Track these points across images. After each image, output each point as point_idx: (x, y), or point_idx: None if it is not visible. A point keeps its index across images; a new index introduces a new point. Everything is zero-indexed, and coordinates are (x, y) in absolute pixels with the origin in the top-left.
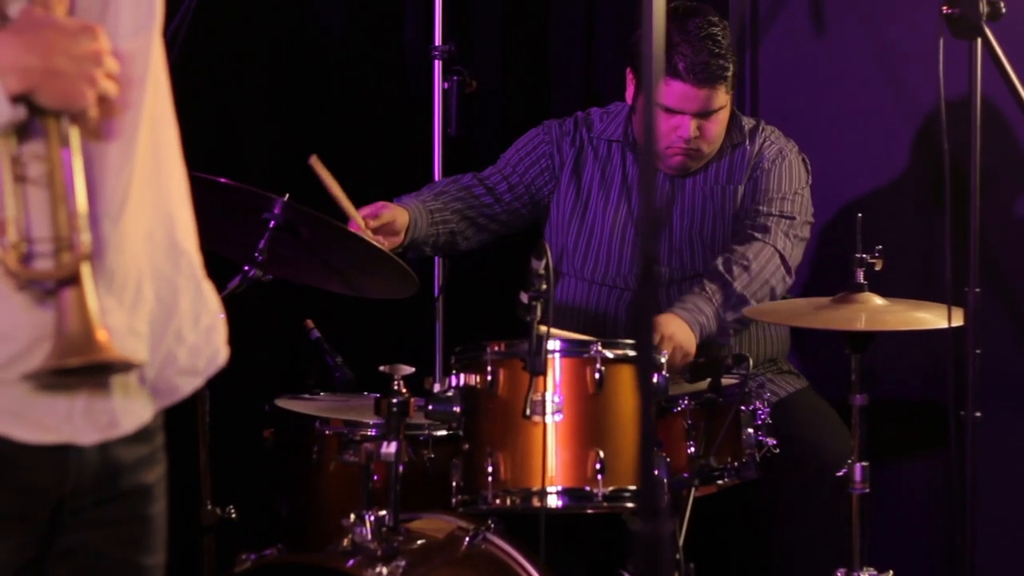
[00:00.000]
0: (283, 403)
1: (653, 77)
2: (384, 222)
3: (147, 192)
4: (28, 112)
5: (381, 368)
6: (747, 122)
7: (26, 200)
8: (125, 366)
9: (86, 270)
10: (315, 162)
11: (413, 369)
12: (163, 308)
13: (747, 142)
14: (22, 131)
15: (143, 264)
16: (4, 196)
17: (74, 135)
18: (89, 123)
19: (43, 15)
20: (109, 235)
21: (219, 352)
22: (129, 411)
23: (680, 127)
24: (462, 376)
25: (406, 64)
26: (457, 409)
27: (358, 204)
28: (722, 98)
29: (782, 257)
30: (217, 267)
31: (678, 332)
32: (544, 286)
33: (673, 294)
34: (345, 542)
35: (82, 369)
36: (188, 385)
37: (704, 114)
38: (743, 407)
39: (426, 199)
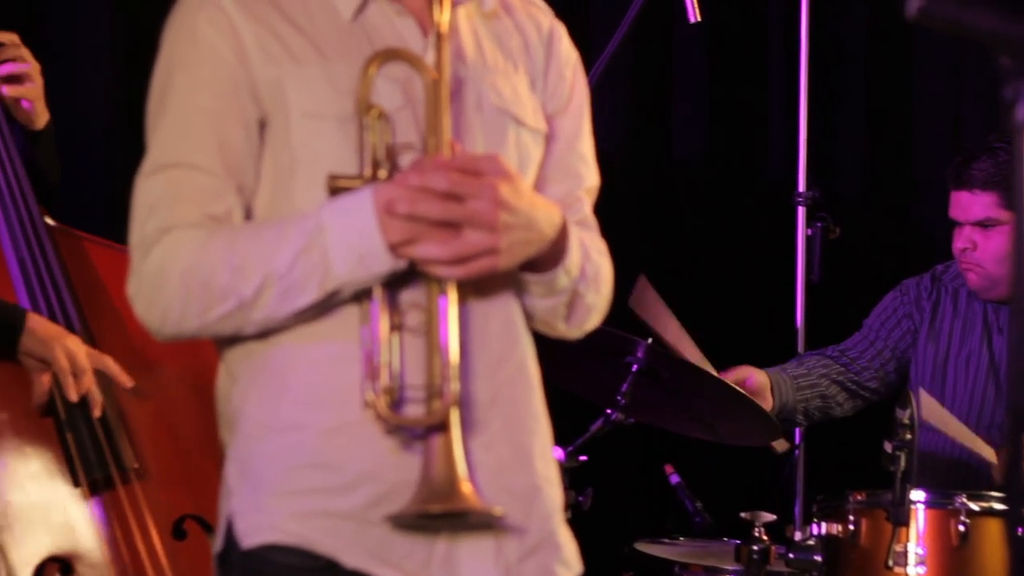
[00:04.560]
0: (642, 546)
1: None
2: (738, 378)
3: (523, 349)
4: (409, 262)
5: (742, 514)
6: None
7: (401, 347)
8: (486, 517)
9: (455, 418)
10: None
11: (774, 516)
12: (525, 473)
13: None
14: (402, 279)
15: (509, 418)
16: (380, 342)
17: (452, 284)
18: None
19: None
20: (480, 387)
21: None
22: (484, 570)
23: (957, 239)
24: (823, 525)
25: (768, 209)
26: (818, 558)
27: (718, 349)
28: (992, 210)
29: None
30: (580, 409)
31: None
32: (908, 436)
33: None
34: None
35: (443, 516)
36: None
37: (978, 224)
38: None
39: (787, 367)
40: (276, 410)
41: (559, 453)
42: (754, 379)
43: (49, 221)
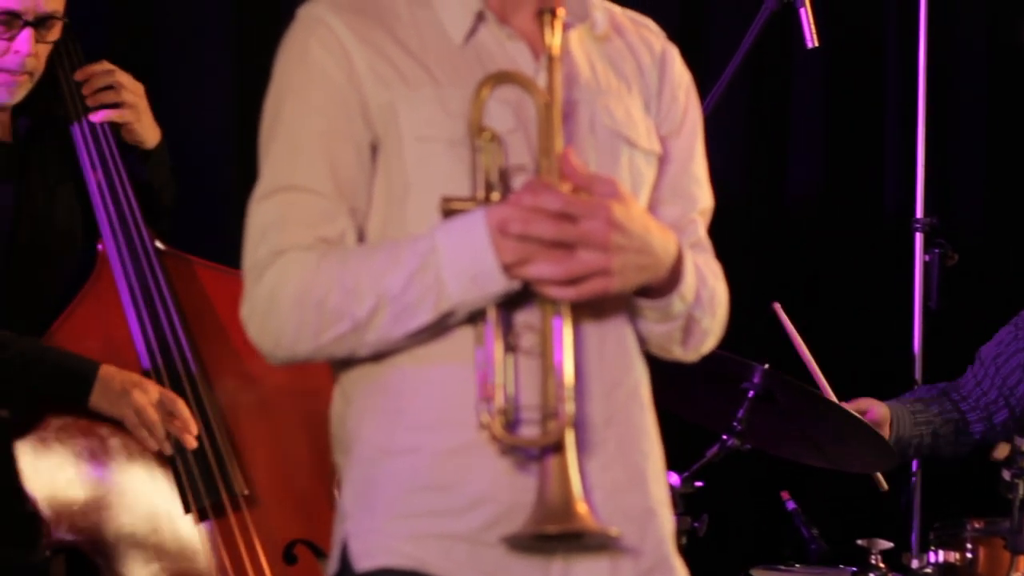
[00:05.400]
0: (758, 573)
1: None
2: (858, 409)
3: (637, 373)
4: (523, 283)
5: (858, 541)
6: None
7: (516, 368)
8: (602, 537)
9: (570, 439)
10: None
11: (891, 544)
12: (640, 495)
13: None
14: (516, 300)
15: (624, 440)
16: (495, 364)
17: (566, 306)
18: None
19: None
20: (595, 409)
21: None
22: None
23: None
24: (940, 552)
25: (886, 236)
26: None
27: (836, 377)
28: None
29: None
30: (696, 435)
31: None
32: None
33: None
34: None
35: (559, 537)
36: None
37: None
38: None
39: (904, 399)
40: (392, 433)
41: (674, 479)
42: (875, 411)
43: (160, 245)
